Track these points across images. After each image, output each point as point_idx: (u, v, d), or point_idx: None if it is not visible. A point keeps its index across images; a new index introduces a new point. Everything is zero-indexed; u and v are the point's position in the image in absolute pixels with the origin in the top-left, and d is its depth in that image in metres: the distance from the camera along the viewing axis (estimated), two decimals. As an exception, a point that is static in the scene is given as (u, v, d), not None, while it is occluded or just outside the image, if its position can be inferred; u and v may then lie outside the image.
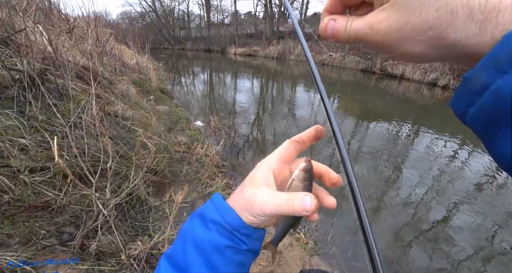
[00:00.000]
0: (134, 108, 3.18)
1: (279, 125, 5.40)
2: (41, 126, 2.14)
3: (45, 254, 1.45)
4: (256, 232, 0.37)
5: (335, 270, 1.92)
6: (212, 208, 0.37)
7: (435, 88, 9.61)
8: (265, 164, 0.38)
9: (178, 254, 0.36)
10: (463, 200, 3.09)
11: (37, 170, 1.79)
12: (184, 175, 2.61)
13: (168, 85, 7.97)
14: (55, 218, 1.67)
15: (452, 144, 4.74)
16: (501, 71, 0.18)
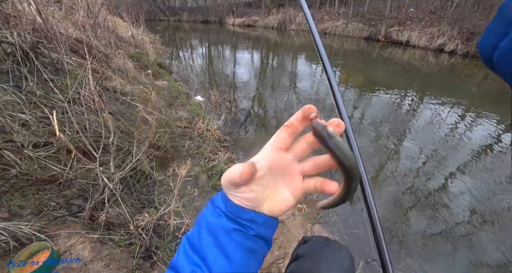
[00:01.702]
0: (133, 83, 3.11)
1: (280, 99, 5.33)
2: (39, 101, 2.11)
3: (57, 224, 1.51)
4: (259, 216, 0.39)
5: (336, 237, 2.01)
6: (220, 199, 0.40)
7: (442, 55, 9.29)
8: (260, 156, 0.40)
9: (195, 236, 0.40)
10: (462, 168, 3.16)
11: (41, 145, 1.81)
12: (187, 150, 2.63)
13: (166, 59, 7.73)
14: (63, 191, 1.72)
15: (454, 113, 4.72)
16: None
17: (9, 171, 1.58)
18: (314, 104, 1.34)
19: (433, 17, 11.11)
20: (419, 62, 8.66)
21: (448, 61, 8.58)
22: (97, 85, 2.19)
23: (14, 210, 1.46)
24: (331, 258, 0.81)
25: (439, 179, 2.95)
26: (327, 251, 0.84)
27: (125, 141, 2.18)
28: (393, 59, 9.08)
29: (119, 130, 2.06)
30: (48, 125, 2.02)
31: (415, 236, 2.21)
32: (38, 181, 1.67)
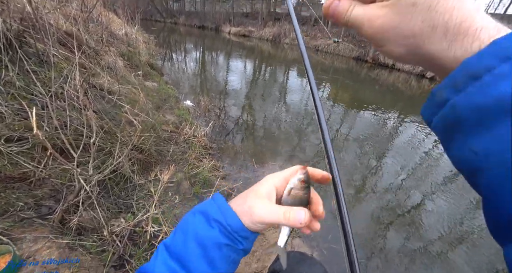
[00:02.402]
0: (121, 83, 3.03)
1: (269, 109, 5.37)
2: (18, 94, 2.00)
3: (23, 227, 1.40)
4: (253, 235, 0.41)
5: (315, 251, 2.00)
6: (215, 208, 0.40)
7: (423, 80, 9.88)
8: (271, 181, 0.42)
9: (179, 245, 0.39)
10: (439, 187, 3.30)
11: (14, 139, 1.70)
12: (171, 155, 2.56)
13: (159, 60, 7.64)
14: (34, 190, 1.61)
15: (433, 135, 4.95)
16: (457, 90, 0.22)
17: (-25, 166, 1.46)
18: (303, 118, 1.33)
19: None
20: (403, 85, 9.12)
21: (429, 86, 9.10)
22: (83, 81, 2.11)
23: (-24, 209, 1.35)
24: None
25: (417, 197, 3.06)
26: (303, 267, 0.85)
27: (107, 141, 2.09)
28: (379, 80, 9.50)
29: (102, 130, 1.98)
30: (25, 119, 1.91)
31: (392, 252, 2.25)
32: (6, 178, 1.55)
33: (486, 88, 0.21)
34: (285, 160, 3.55)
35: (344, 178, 3.23)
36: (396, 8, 0.25)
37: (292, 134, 4.39)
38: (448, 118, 0.24)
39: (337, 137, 4.44)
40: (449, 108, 0.23)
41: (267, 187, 0.42)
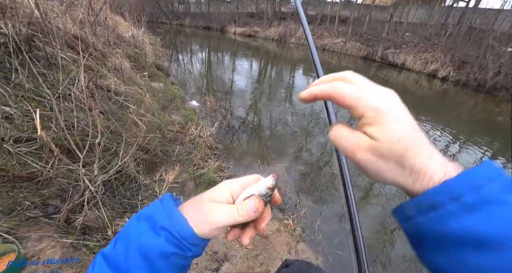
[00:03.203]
0: (128, 84, 3.06)
1: (275, 110, 5.34)
2: (27, 96, 2.04)
3: (29, 225, 1.43)
4: (204, 242, 0.39)
5: (320, 257, 1.96)
6: (163, 214, 0.37)
7: (434, 80, 9.55)
8: (227, 187, 0.40)
9: (120, 256, 0.36)
10: None
11: (23, 140, 1.73)
12: (176, 155, 2.57)
13: (165, 61, 7.72)
14: (41, 190, 1.64)
15: (444, 138, 4.84)
16: (421, 213, 0.28)
17: (-16, 166, 1.49)
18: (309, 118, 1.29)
19: (428, 43, 11.53)
20: (413, 85, 8.89)
21: (440, 87, 8.83)
22: (90, 83, 2.14)
23: (-16, 208, 1.37)
24: (313, 284, 0.78)
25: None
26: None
27: (113, 142, 2.12)
28: (388, 80, 9.30)
29: (108, 130, 2.00)
30: (33, 120, 1.95)
31: (398, 258, 2.18)
32: (15, 177, 1.58)
33: (442, 219, 0.26)
34: (291, 160, 3.53)
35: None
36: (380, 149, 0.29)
37: (298, 135, 4.36)
38: (415, 230, 0.30)
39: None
40: (415, 224, 0.29)
41: (225, 194, 0.40)
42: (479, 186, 0.26)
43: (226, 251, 1.80)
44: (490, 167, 0.27)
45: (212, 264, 1.70)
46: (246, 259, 1.77)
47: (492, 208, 0.25)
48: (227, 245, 1.85)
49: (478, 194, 0.25)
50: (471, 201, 0.25)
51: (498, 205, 0.25)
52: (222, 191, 0.40)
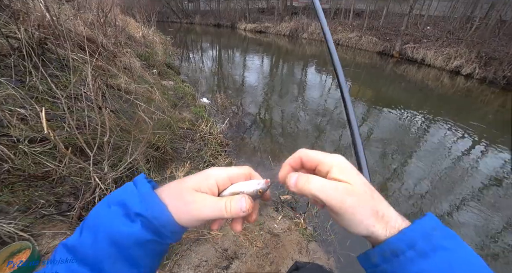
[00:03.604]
0: (139, 82, 3.10)
1: (287, 107, 5.26)
2: (41, 97, 2.10)
3: (44, 223, 1.47)
4: (183, 229, 0.36)
5: (331, 258, 1.90)
6: (138, 198, 0.33)
7: (458, 77, 8.88)
8: (214, 178, 0.37)
9: (87, 246, 0.32)
10: (469, 197, 2.96)
11: (37, 140, 1.78)
12: (187, 152, 2.58)
13: (176, 60, 7.80)
14: (55, 188, 1.68)
15: (466, 139, 4.48)
16: (385, 260, 0.31)
17: (1, 166, 1.54)
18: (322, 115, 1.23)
19: (451, 38, 10.78)
20: (433, 82, 8.33)
21: (464, 85, 8.21)
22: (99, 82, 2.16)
23: (1, 207, 1.42)
24: (323, 288, 0.73)
25: (442, 207, 2.78)
26: None
27: (124, 140, 2.15)
28: (406, 77, 8.81)
29: (119, 127, 2.03)
30: (48, 121, 2.00)
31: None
32: (30, 177, 1.63)
33: (403, 265, 0.30)
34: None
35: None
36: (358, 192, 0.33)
37: (311, 132, 4.27)
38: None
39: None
40: (381, 271, 0.32)
41: (210, 183, 0.36)
42: (428, 235, 0.30)
43: (236, 249, 1.78)
44: (432, 218, 0.32)
45: (222, 262, 1.69)
46: (256, 257, 1.75)
47: (439, 254, 0.29)
48: (237, 243, 1.83)
49: (428, 241, 0.30)
50: (423, 248, 0.30)
51: (443, 251, 0.30)
52: (207, 179, 0.37)
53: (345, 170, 0.35)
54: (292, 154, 0.40)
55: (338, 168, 0.35)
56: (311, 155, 0.38)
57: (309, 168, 0.39)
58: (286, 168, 0.40)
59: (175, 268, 1.59)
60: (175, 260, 1.63)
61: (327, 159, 0.36)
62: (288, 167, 0.40)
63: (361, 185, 0.33)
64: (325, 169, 0.36)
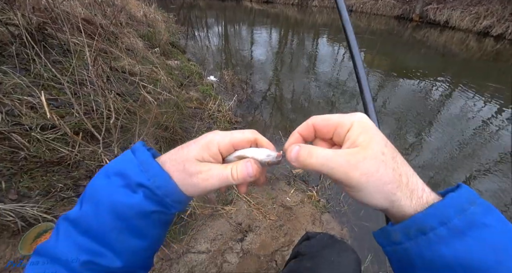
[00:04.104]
0: (143, 63, 3.05)
1: (298, 81, 5.08)
2: (47, 84, 2.11)
3: (64, 205, 1.54)
4: (188, 198, 0.35)
5: (345, 228, 1.90)
6: (138, 168, 0.32)
7: (486, 39, 8.07)
8: (216, 143, 0.34)
9: (89, 219, 0.31)
10: (489, 167, 2.82)
11: (49, 127, 1.81)
12: (196, 131, 2.57)
13: (181, 39, 7.60)
14: (71, 172, 1.74)
15: (490, 107, 4.18)
16: (409, 238, 0.27)
17: (18, 154, 1.60)
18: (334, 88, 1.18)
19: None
20: (457, 47, 7.63)
21: (493, 47, 7.45)
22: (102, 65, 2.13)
23: (23, 192, 1.49)
24: (334, 260, 0.72)
25: (460, 176, 2.68)
26: (331, 252, 0.75)
27: (132, 122, 2.15)
28: (426, 42, 8.13)
29: (125, 110, 2.03)
30: (57, 108, 2.03)
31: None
32: (46, 163, 1.68)
33: (432, 244, 0.26)
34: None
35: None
36: (373, 155, 0.28)
37: (323, 106, 4.13)
38: (402, 255, 0.29)
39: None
40: (403, 250, 0.28)
41: (212, 150, 0.34)
42: (464, 210, 0.26)
43: (249, 222, 1.81)
44: (468, 190, 0.27)
45: (236, 235, 1.73)
46: (270, 230, 1.78)
47: (478, 233, 0.25)
48: (250, 216, 1.86)
49: (464, 217, 0.25)
50: (459, 225, 0.25)
51: (483, 229, 0.25)
52: (209, 146, 0.34)
53: (367, 128, 0.30)
54: (304, 122, 0.36)
55: (359, 125, 0.30)
56: (328, 118, 0.33)
57: (325, 136, 0.34)
58: (293, 137, 0.36)
59: (192, 242, 1.64)
60: (191, 235, 1.68)
61: (346, 118, 0.32)
62: (296, 136, 0.36)
63: (381, 146, 0.29)
64: (345, 129, 0.31)
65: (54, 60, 2.27)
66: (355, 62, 0.61)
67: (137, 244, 0.33)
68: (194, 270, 1.48)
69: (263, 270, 1.51)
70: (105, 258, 0.31)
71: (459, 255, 0.24)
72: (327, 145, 0.35)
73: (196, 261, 1.53)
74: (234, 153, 0.36)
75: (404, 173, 0.28)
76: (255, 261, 1.56)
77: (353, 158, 0.28)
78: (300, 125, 0.35)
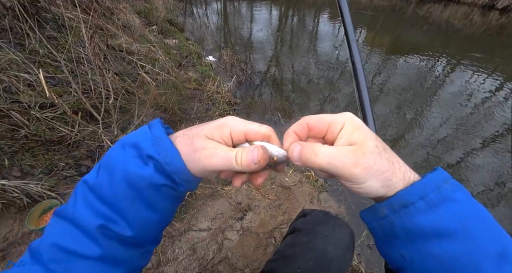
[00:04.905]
0: (141, 42, 2.96)
1: (298, 61, 4.98)
2: (44, 61, 2.06)
3: (67, 184, 1.57)
4: (196, 180, 0.36)
5: (342, 205, 1.97)
6: (151, 142, 0.33)
7: (491, 12, 7.91)
8: (229, 129, 0.35)
9: (104, 186, 0.32)
10: (488, 142, 2.92)
11: (47, 106, 1.80)
12: (195, 113, 2.57)
13: (178, 16, 7.32)
14: (72, 152, 1.75)
15: (491, 83, 4.21)
16: (394, 212, 0.31)
17: (18, 132, 1.60)
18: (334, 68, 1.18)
19: None
20: (460, 22, 7.48)
21: (498, 21, 7.32)
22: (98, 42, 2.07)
23: (26, 169, 1.51)
24: (329, 234, 0.75)
25: (459, 153, 2.76)
26: (326, 227, 0.78)
27: (131, 102, 2.14)
28: (429, 18, 7.94)
29: (123, 90, 2.00)
30: (54, 86, 2.00)
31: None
32: (47, 141, 1.69)
33: (412, 216, 0.30)
34: (315, 113, 3.38)
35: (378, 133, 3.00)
36: (370, 149, 0.31)
37: (322, 86, 4.09)
38: (387, 229, 0.33)
39: (372, 88, 4.03)
40: (388, 223, 0.32)
41: (224, 134, 0.35)
42: (439, 187, 0.30)
43: (249, 202, 1.87)
44: (443, 172, 0.32)
45: (236, 214, 1.79)
46: (269, 209, 1.83)
47: (449, 205, 0.29)
48: (250, 196, 1.91)
49: (439, 193, 0.30)
50: (434, 200, 0.29)
51: (453, 202, 0.29)
52: (222, 128, 0.35)
53: (358, 126, 0.33)
54: (297, 121, 0.37)
55: (351, 124, 0.33)
56: (321, 118, 0.36)
57: (318, 135, 0.37)
58: (290, 137, 0.37)
59: (193, 221, 1.70)
60: (192, 214, 1.74)
61: (337, 117, 0.34)
62: (293, 136, 0.37)
63: (373, 140, 0.32)
64: (338, 128, 0.34)
65: (49, 36, 2.20)
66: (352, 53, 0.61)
67: (148, 215, 0.34)
68: (195, 246, 1.55)
69: (263, 246, 1.58)
70: (118, 225, 0.32)
71: (433, 224, 0.29)
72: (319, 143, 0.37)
73: (197, 238, 1.59)
74: (245, 143, 0.36)
75: (395, 161, 0.32)
76: (254, 238, 1.63)
77: (353, 155, 0.30)
78: (294, 123, 0.37)
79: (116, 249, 0.33)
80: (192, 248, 1.54)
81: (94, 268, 0.32)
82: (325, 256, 0.69)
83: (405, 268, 0.32)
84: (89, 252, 0.32)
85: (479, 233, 0.28)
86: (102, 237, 0.32)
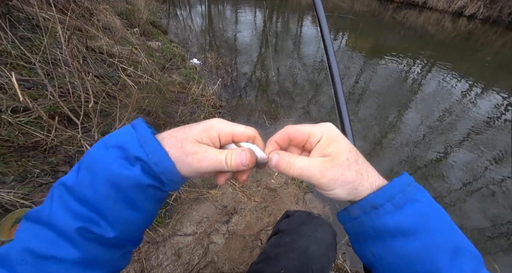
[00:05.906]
0: (122, 44, 2.89)
1: (283, 63, 5.04)
2: (17, 63, 1.96)
3: (42, 191, 1.49)
4: (183, 180, 0.37)
5: (327, 205, 2.00)
6: (137, 143, 0.33)
7: (460, 19, 8.48)
8: (216, 131, 0.37)
9: (85, 187, 0.32)
10: (463, 140, 3.10)
11: (21, 110, 1.71)
12: (180, 116, 2.53)
13: (162, 18, 7.22)
14: (48, 158, 1.67)
15: (463, 84, 4.53)
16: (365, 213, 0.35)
17: (-13, 137, 1.51)
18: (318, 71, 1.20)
19: None
20: (433, 27, 7.95)
21: (466, 27, 7.85)
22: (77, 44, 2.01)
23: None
24: (311, 234, 0.76)
25: (438, 151, 2.90)
26: (308, 227, 0.79)
27: (112, 106, 2.07)
28: (406, 24, 8.35)
29: (104, 93, 1.94)
30: (29, 89, 1.91)
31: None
32: (20, 147, 1.61)
33: (380, 217, 0.33)
34: (300, 115, 3.43)
35: (361, 134, 3.09)
36: (339, 162, 0.34)
37: (307, 88, 4.16)
38: (359, 229, 0.36)
39: (354, 91, 4.15)
40: (359, 223, 0.35)
41: (212, 136, 0.36)
42: (403, 190, 0.33)
43: (235, 205, 1.86)
44: (408, 177, 0.36)
45: (222, 217, 1.77)
46: (255, 211, 1.83)
47: (411, 206, 0.32)
48: (235, 199, 1.90)
49: (403, 195, 0.33)
50: (399, 201, 0.33)
51: (415, 203, 0.33)
52: (209, 131, 0.36)
53: (334, 139, 0.36)
54: (278, 131, 0.40)
55: (327, 137, 0.36)
56: (301, 129, 0.38)
57: (299, 144, 0.39)
58: (272, 146, 0.40)
59: (178, 226, 1.67)
60: (177, 219, 1.70)
61: (317, 129, 0.37)
62: (274, 145, 0.40)
63: (346, 153, 0.35)
64: (316, 139, 0.37)
65: (21, 36, 2.10)
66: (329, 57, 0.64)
67: (131, 215, 0.34)
68: (181, 251, 1.52)
69: (249, 249, 1.57)
70: (99, 227, 0.32)
71: (398, 224, 0.32)
72: (298, 151, 0.41)
73: (182, 243, 1.56)
74: (231, 144, 0.38)
75: (364, 171, 0.35)
76: (240, 241, 1.61)
77: (323, 167, 0.34)
78: (276, 132, 0.40)
79: (96, 251, 0.33)
80: (177, 254, 1.50)
81: (72, 272, 0.31)
82: (307, 256, 0.70)
83: (375, 265, 0.35)
84: (67, 256, 0.31)
85: (437, 230, 0.31)
86: (81, 239, 0.31)
